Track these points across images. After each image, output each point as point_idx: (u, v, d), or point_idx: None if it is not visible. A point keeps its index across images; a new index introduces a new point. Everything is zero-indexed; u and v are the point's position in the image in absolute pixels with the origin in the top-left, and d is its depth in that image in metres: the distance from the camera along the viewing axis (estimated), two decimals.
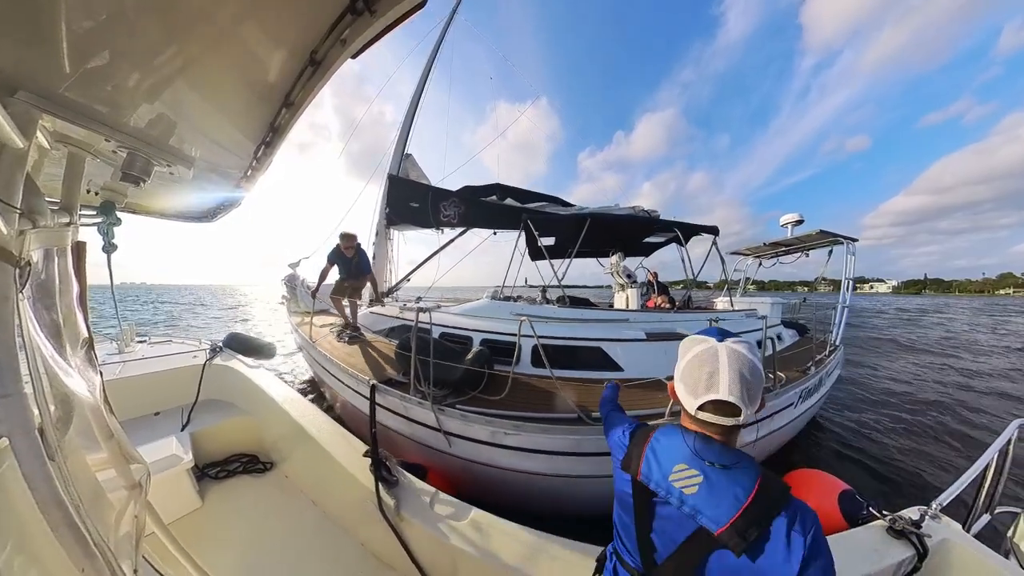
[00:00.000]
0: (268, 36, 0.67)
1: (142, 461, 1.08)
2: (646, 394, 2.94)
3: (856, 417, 5.64)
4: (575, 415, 2.39)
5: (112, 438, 0.97)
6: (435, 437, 2.53)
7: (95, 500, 0.85)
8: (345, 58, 0.71)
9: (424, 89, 7.74)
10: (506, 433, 2.30)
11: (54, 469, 0.62)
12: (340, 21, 0.62)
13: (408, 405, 2.60)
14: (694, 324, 4.14)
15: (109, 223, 0.86)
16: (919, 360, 10.55)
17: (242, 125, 0.93)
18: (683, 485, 0.67)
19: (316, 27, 0.64)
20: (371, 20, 0.62)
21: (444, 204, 5.22)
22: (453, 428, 2.46)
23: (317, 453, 2.08)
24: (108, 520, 0.87)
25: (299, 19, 0.64)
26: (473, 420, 2.38)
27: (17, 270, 0.54)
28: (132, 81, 0.65)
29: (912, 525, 1.35)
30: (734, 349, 0.68)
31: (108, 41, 0.54)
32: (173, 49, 0.62)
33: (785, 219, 5.81)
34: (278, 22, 0.64)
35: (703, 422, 0.69)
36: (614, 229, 5.29)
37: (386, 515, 1.57)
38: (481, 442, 2.38)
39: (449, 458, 2.54)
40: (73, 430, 0.80)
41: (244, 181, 1.15)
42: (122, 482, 0.99)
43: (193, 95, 0.77)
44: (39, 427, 0.61)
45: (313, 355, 4.19)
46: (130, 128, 0.72)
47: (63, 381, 0.74)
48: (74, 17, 0.46)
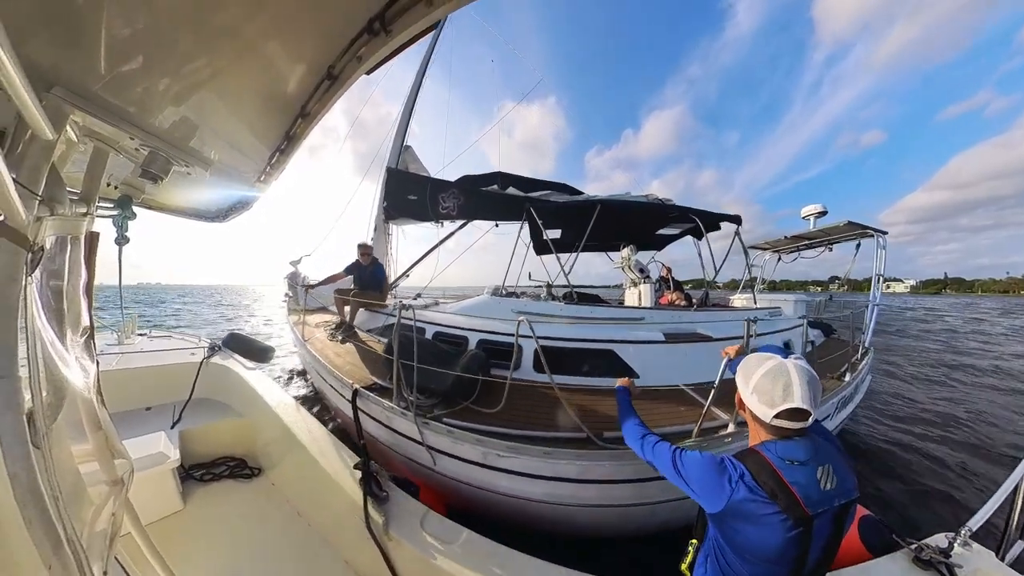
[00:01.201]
0: (290, 52, 0.72)
1: (127, 457, 1.06)
2: (668, 408, 2.52)
3: (884, 430, 4.99)
4: (583, 435, 2.04)
5: (100, 430, 0.97)
6: (419, 451, 2.27)
7: (74, 494, 0.84)
8: (360, 73, 0.75)
9: (424, 77, 7.47)
10: (499, 455, 2.01)
11: (37, 457, 0.61)
12: (357, 39, 0.67)
13: (391, 415, 2.33)
14: (716, 325, 3.66)
15: (124, 216, 0.90)
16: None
17: (260, 132, 0.98)
18: (830, 486, 0.78)
19: (335, 44, 0.69)
20: (386, 40, 0.66)
21: (443, 196, 4.86)
22: (439, 444, 2.18)
23: (306, 462, 2.03)
24: (85, 516, 0.85)
25: (320, 37, 0.69)
26: (461, 437, 2.07)
27: (30, 254, 0.56)
28: (162, 86, 0.69)
29: (940, 554, 1.26)
30: (798, 363, 0.84)
31: (143, 48, 0.58)
32: (202, 60, 0.67)
33: (807, 210, 5.27)
34: (300, 39, 0.69)
35: (778, 428, 0.83)
36: (626, 219, 4.84)
37: (373, 533, 1.51)
38: (471, 462, 2.11)
39: (436, 476, 2.28)
40: (62, 418, 0.79)
41: (257, 184, 1.20)
42: (104, 476, 0.98)
43: (217, 102, 0.82)
44: (28, 412, 0.61)
45: (303, 354, 4.02)
46: (155, 128, 0.76)
47: (59, 367, 0.75)
48: (114, 24, 0.51)
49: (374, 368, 3.06)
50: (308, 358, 3.77)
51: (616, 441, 2.01)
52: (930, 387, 7.55)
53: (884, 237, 4.73)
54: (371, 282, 4.65)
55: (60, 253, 0.71)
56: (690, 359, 3.12)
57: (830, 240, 5.39)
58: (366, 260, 4.63)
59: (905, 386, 7.55)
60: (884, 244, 4.70)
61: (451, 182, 5.16)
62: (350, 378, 2.76)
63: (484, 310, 3.80)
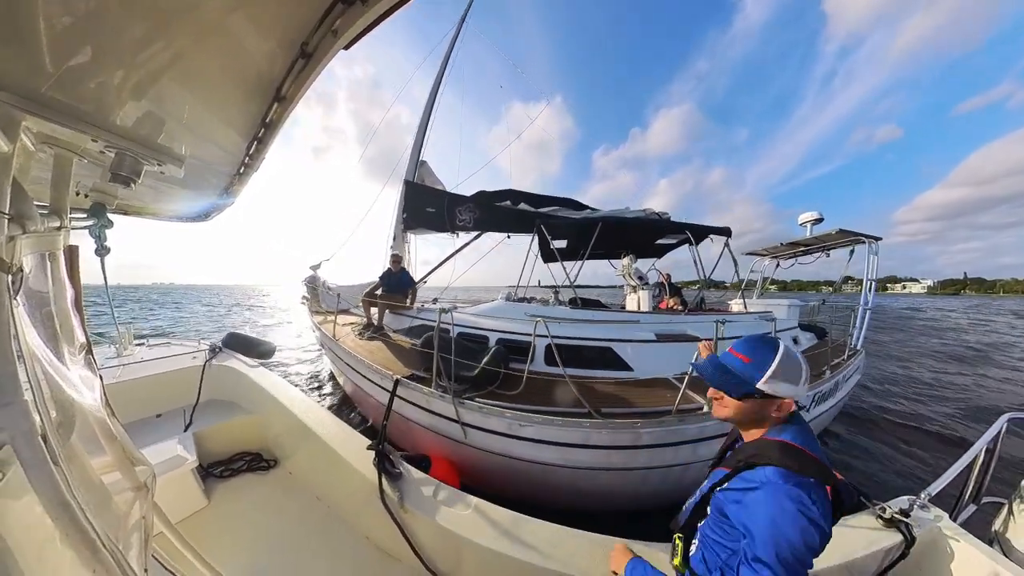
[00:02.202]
0: (256, 28, 0.65)
1: (147, 463, 1.08)
2: (653, 392, 3.08)
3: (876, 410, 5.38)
4: (585, 410, 2.52)
5: (115, 441, 0.97)
6: (452, 428, 2.71)
7: (102, 502, 0.86)
8: (337, 49, 0.69)
9: (436, 99, 8.05)
10: (521, 425, 2.46)
11: (59, 473, 0.61)
12: (331, 11, 0.60)
13: (430, 399, 2.79)
14: (705, 326, 4.17)
15: (101, 225, 0.85)
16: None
17: (233, 121, 0.91)
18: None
19: (306, 18, 0.62)
20: (363, 9, 0.60)
21: (460, 209, 5.47)
22: (471, 420, 2.65)
23: (320, 449, 2.10)
24: (116, 522, 0.88)
25: (288, 9, 0.62)
26: (490, 413, 2.56)
27: (9, 277, 0.53)
28: (117, 78, 0.63)
29: (901, 514, 1.40)
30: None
31: (90, 37, 0.52)
32: (158, 44, 0.60)
33: (803, 218, 5.72)
34: (266, 13, 0.62)
35: (795, 406, 0.85)
36: (625, 232, 5.37)
37: (389, 508, 1.59)
38: (497, 433, 2.55)
39: (464, 448, 2.72)
40: (76, 435, 0.79)
41: (237, 178, 1.13)
42: (128, 484, 1.00)
43: (181, 91, 0.75)
44: (42, 433, 0.61)
45: (336, 351, 4.40)
46: (117, 127, 0.69)
47: (63, 387, 0.74)
48: (52, 12, 0.44)
49: (407, 362, 3.57)
50: (341, 354, 4.18)
51: (611, 415, 2.54)
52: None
53: (876, 244, 5.05)
54: (398, 287, 5.17)
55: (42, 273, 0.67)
56: (678, 355, 3.63)
57: (825, 247, 5.66)
58: (396, 268, 5.24)
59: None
60: (876, 251, 5.05)
61: (467, 197, 5.79)
62: (389, 370, 3.25)
63: (501, 313, 4.40)
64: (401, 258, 5.51)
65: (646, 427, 2.39)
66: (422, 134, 7.66)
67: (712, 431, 2.49)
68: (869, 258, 5.03)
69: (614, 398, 2.95)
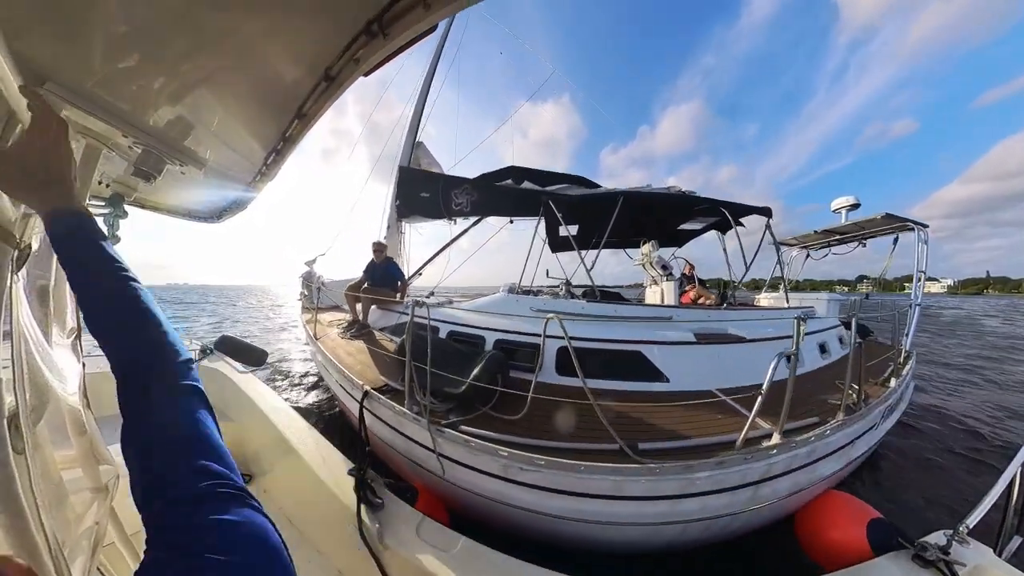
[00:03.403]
0: (288, 53, 0.72)
1: (112, 463, 1.03)
2: (706, 416, 2.32)
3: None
4: (615, 445, 1.87)
5: (84, 434, 0.94)
6: (430, 457, 2.12)
7: (56, 501, 0.81)
8: (357, 75, 0.76)
9: (433, 74, 7.43)
10: (523, 469, 1.84)
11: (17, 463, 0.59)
12: (355, 42, 0.67)
13: (402, 419, 2.20)
14: (751, 324, 3.44)
15: (116, 215, 0.89)
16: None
17: (256, 133, 0.98)
18: None
19: (333, 47, 0.69)
20: (384, 42, 0.67)
21: (456, 192, 4.73)
22: (453, 453, 2.03)
23: (300, 468, 1.99)
24: (67, 524, 0.82)
25: (318, 39, 0.69)
26: (480, 448, 1.91)
27: (16, 251, 0.55)
28: (157, 84, 0.69)
29: (940, 552, 1.26)
30: None
31: (139, 46, 0.58)
32: (199, 59, 0.67)
33: (837, 203, 4.99)
34: (298, 41, 0.69)
35: None
36: (649, 212, 4.64)
37: (367, 541, 1.48)
38: (488, 474, 1.95)
39: (446, 485, 2.12)
40: (44, 422, 0.77)
41: (252, 185, 1.19)
42: (88, 483, 0.95)
43: (213, 102, 0.82)
44: (11, 415, 0.59)
45: (315, 352, 3.95)
46: (148, 127, 0.75)
47: (42, 370, 0.73)
48: (112, 21, 0.50)
49: (386, 368, 2.93)
50: (320, 357, 3.65)
51: (652, 454, 1.92)
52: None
53: (925, 231, 4.39)
54: (384, 280, 4.67)
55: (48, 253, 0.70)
56: (723, 361, 2.94)
57: (864, 235, 5.05)
58: (379, 258, 4.71)
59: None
60: (926, 238, 4.36)
61: (465, 178, 4.98)
62: (360, 378, 2.64)
63: (501, 308, 3.54)
64: (384, 247, 4.87)
65: (701, 470, 1.76)
66: (419, 113, 6.94)
67: (779, 468, 1.91)
68: (918, 247, 4.30)
69: (650, 422, 2.27)
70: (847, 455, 2.31)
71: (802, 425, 2.15)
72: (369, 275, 4.71)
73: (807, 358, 3.39)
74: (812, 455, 2.03)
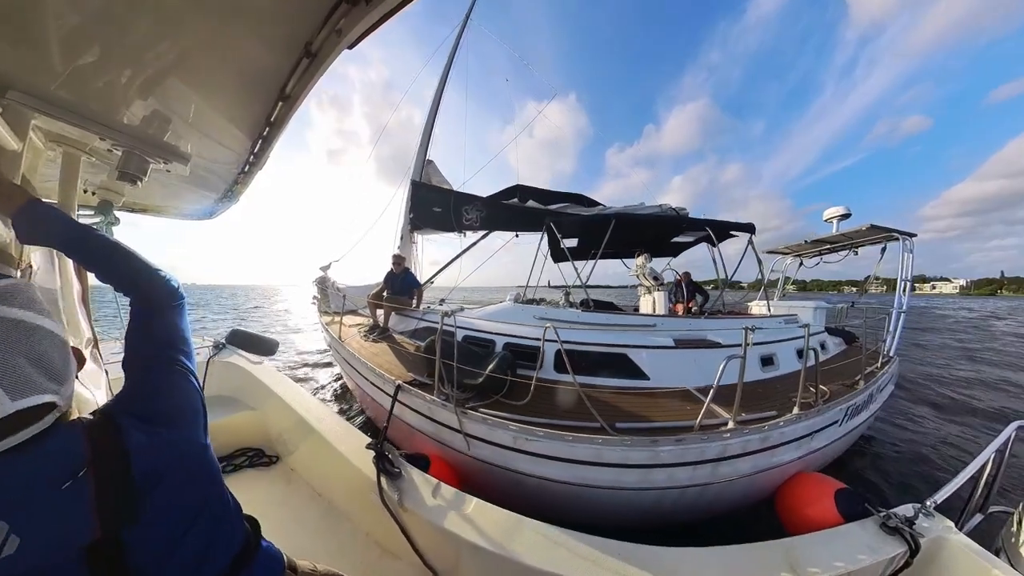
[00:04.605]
0: (261, 28, 0.65)
1: None
2: (672, 404, 2.83)
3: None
4: (598, 424, 2.37)
5: None
6: (455, 438, 2.56)
7: None
8: (341, 49, 0.69)
9: (441, 96, 7.94)
10: (528, 439, 2.30)
11: None
12: (335, 11, 0.60)
13: (432, 406, 2.66)
14: (728, 332, 3.91)
15: (107, 222, 0.85)
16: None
17: (237, 120, 0.91)
18: None
19: (310, 18, 0.62)
20: (367, 9, 0.60)
21: (466, 208, 5.35)
22: (474, 431, 2.49)
23: (321, 446, 2.11)
24: None
25: (292, 9, 0.62)
26: (496, 424, 2.40)
27: (18, 272, 0.54)
28: (124, 77, 0.63)
29: (905, 522, 1.37)
30: None
31: (98, 36, 0.52)
32: (164, 43, 0.61)
33: (829, 213, 5.26)
34: (271, 13, 0.62)
35: None
36: (640, 229, 5.11)
37: (388, 506, 1.60)
38: (501, 446, 2.39)
39: (467, 459, 2.56)
40: None
41: (242, 176, 1.14)
42: None
43: (186, 90, 0.75)
44: None
45: (341, 353, 4.31)
46: (124, 126, 0.70)
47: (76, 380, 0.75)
48: (62, 13, 0.45)
49: (410, 366, 3.44)
50: (345, 355, 4.08)
51: (626, 431, 2.37)
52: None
53: (911, 240, 4.62)
54: (402, 288, 5.13)
55: (50, 269, 0.68)
56: (698, 363, 3.34)
57: (853, 244, 5.23)
58: (398, 269, 5.15)
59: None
60: (911, 248, 4.59)
61: (475, 195, 5.60)
62: (391, 374, 3.10)
63: (509, 316, 4.16)
64: (403, 259, 5.41)
65: (664, 445, 2.22)
66: (428, 133, 7.64)
67: (735, 450, 2.30)
68: (903, 256, 4.55)
69: (629, 410, 2.80)
70: (807, 445, 2.74)
71: (760, 416, 2.56)
72: (389, 284, 5.14)
73: (784, 362, 3.79)
74: (767, 441, 2.42)
